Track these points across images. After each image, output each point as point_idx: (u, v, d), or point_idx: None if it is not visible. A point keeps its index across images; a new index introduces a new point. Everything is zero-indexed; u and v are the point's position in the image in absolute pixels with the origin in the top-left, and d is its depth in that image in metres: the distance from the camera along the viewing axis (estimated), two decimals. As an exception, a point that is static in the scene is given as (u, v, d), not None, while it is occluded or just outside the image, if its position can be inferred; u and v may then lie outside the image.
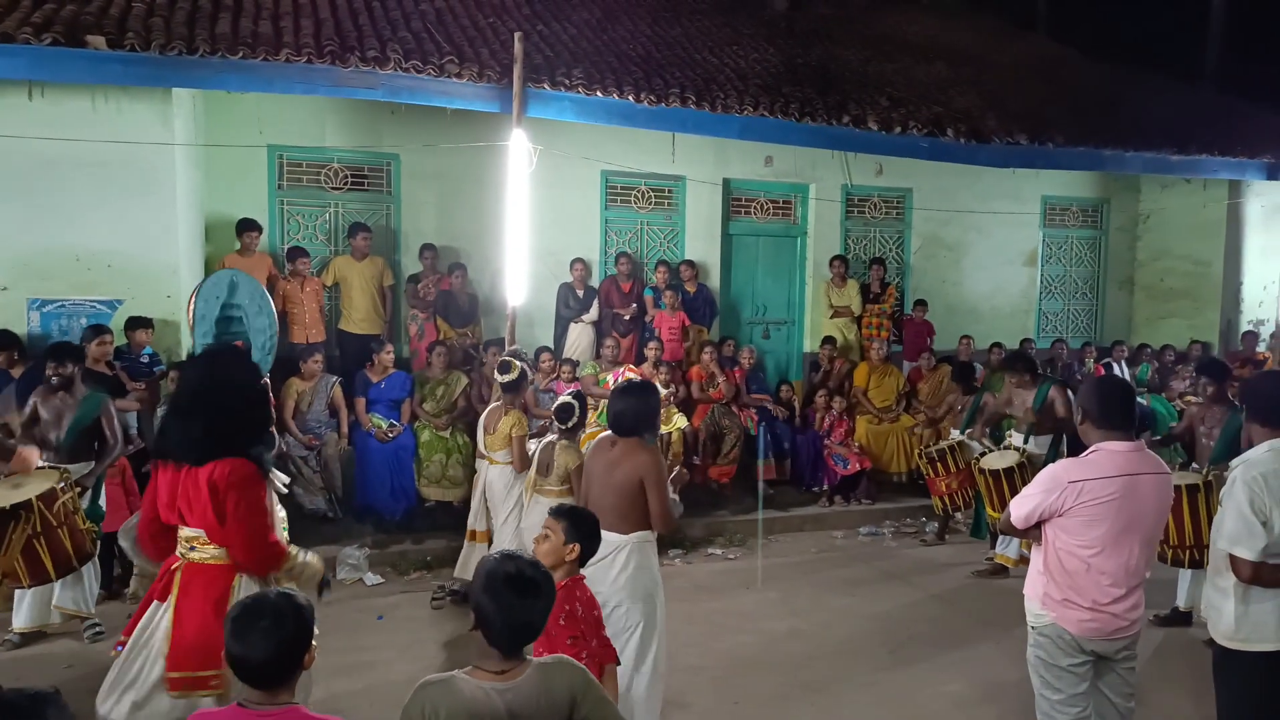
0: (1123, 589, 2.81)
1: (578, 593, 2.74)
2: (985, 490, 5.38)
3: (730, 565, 6.09)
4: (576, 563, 2.73)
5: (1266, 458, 2.79)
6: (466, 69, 5.95)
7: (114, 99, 5.58)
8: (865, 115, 7.35)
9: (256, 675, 1.86)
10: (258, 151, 6.86)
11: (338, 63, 5.62)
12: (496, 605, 1.93)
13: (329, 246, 7.21)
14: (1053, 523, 2.86)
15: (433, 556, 5.78)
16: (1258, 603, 2.77)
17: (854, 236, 8.95)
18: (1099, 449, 2.84)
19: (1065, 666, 2.87)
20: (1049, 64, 10.41)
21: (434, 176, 7.26)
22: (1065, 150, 7.98)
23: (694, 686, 4.17)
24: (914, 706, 4.08)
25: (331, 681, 3.90)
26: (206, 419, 2.64)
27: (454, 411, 6.44)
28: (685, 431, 6.86)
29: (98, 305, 5.71)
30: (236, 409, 2.72)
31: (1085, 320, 10.18)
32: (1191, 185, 9.59)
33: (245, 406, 2.77)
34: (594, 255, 7.85)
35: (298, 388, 6.23)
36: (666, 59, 7.45)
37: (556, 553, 2.67)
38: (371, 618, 4.97)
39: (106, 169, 5.55)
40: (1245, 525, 2.71)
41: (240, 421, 2.72)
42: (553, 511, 2.77)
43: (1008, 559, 5.77)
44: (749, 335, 8.53)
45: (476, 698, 1.89)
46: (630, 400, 3.35)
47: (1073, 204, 9.91)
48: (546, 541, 2.69)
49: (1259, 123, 9.59)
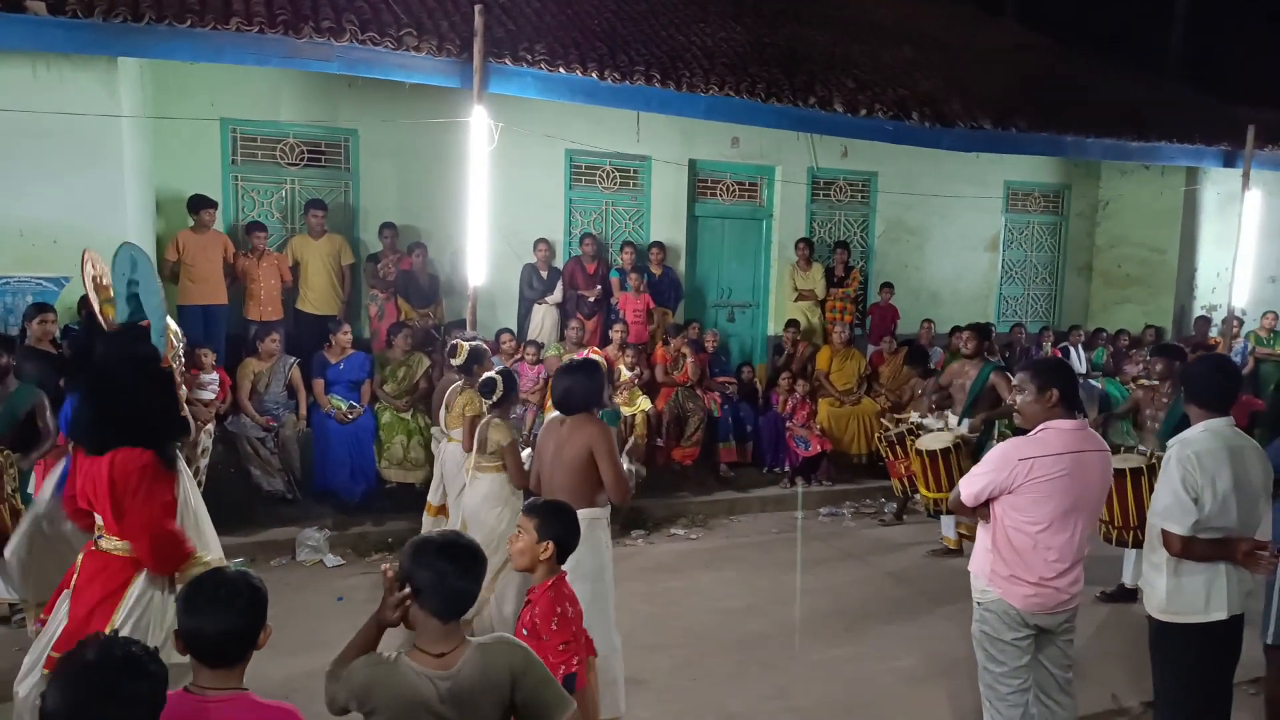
0: (1067, 564, 2.89)
1: (565, 591, 2.62)
2: (920, 471, 5.40)
3: (691, 545, 6.13)
4: (554, 560, 2.58)
5: (1202, 437, 2.87)
6: (425, 42, 5.82)
7: (56, 67, 5.36)
8: (831, 97, 7.35)
9: (211, 651, 1.81)
10: (210, 125, 6.66)
11: (291, 33, 5.45)
12: (430, 571, 1.92)
13: (285, 224, 7.04)
14: (1002, 500, 2.92)
15: (394, 538, 5.72)
16: (1188, 576, 2.86)
17: (819, 220, 8.98)
18: (1047, 427, 2.90)
19: (1009, 640, 2.94)
20: (1016, 50, 10.50)
21: (393, 153, 7.12)
22: (1028, 135, 8.07)
23: (652, 664, 4.19)
24: (866, 681, 4.16)
25: (290, 662, 3.85)
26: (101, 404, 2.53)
27: (415, 393, 6.37)
28: (649, 413, 6.86)
29: (43, 282, 5.51)
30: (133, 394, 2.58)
31: (1044, 305, 10.35)
32: (1150, 173, 9.77)
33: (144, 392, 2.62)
34: (558, 236, 7.77)
35: (254, 368, 6.10)
36: (631, 35, 7.36)
37: (530, 552, 2.55)
38: (331, 599, 4.93)
39: (50, 140, 5.34)
40: (1177, 502, 2.80)
41: (139, 408, 2.57)
42: (525, 509, 2.65)
43: (949, 540, 5.87)
44: (714, 318, 8.54)
45: (417, 686, 1.88)
46: (575, 378, 3.35)
47: (1035, 189, 10.05)
48: (520, 540, 2.58)
49: (1217, 111, 9.80)
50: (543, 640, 2.52)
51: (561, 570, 2.63)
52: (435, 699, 1.87)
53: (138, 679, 1.53)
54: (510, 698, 1.95)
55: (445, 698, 1.88)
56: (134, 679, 1.52)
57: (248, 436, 5.94)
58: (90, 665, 1.51)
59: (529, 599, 2.63)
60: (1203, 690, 2.94)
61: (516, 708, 1.97)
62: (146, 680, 1.54)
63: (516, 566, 2.69)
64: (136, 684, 1.52)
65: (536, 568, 2.58)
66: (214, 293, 6.33)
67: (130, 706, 1.51)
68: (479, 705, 1.91)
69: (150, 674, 1.55)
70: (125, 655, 1.54)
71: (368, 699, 1.90)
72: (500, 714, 1.96)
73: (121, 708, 1.50)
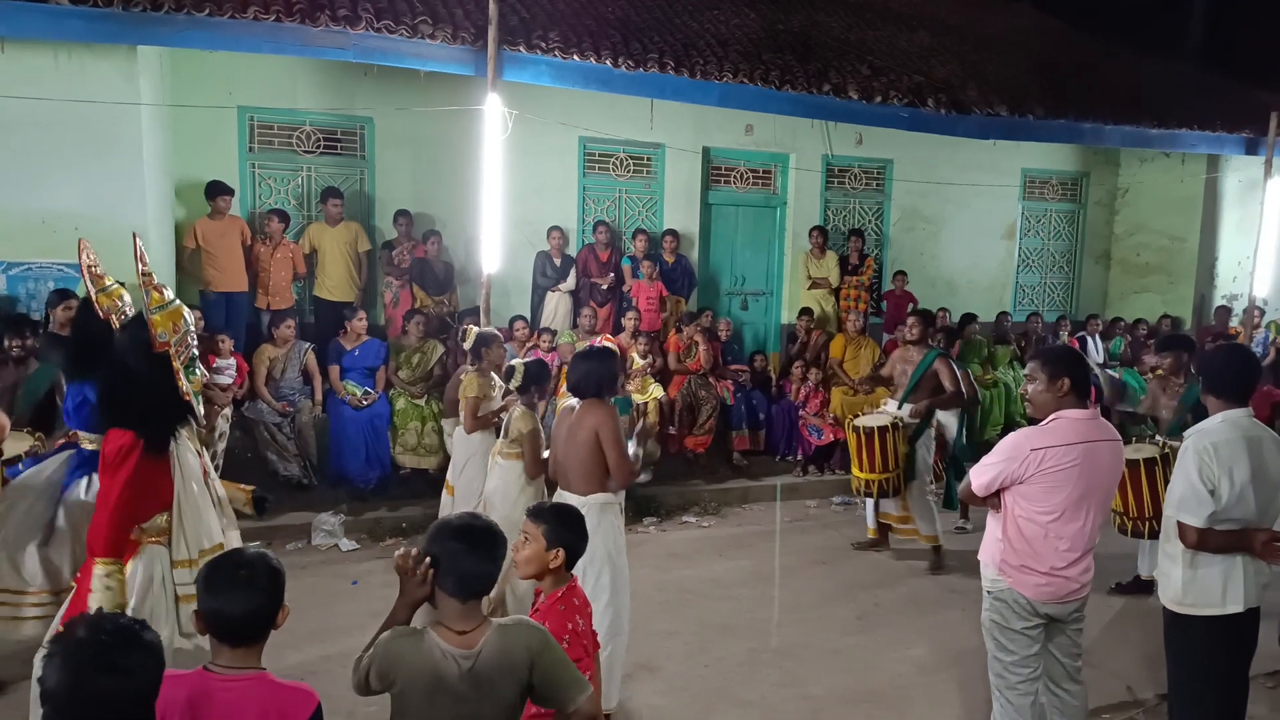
0: (1078, 553, 2.88)
1: (575, 601, 2.46)
2: (855, 449, 5.29)
3: (704, 533, 6.16)
4: (564, 568, 2.42)
5: (1219, 428, 2.84)
6: (440, 30, 5.82)
7: (77, 56, 5.42)
8: (846, 84, 7.28)
9: (232, 630, 1.83)
10: (227, 113, 6.71)
11: (307, 21, 5.47)
12: (445, 551, 1.96)
13: (301, 211, 7.09)
14: (1013, 490, 2.91)
15: (408, 523, 5.80)
16: (1204, 568, 2.84)
17: (834, 208, 8.93)
18: (1058, 416, 2.89)
19: (1019, 629, 2.94)
20: (1032, 35, 10.35)
21: (408, 141, 7.14)
22: (1045, 122, 7.97)
23: (665, 651, 4.23)
24: (878, 670, 4.17)
25: (306, 647, 3.92)
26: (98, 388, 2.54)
27: (430, 380, 6.42)
28: (661, 401, 6.88)
29: (65, 269, 5.60)
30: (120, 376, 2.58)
31: (1061, 294, 10.26)
32: (1169, 160, 9.63)
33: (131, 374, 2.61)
34: (571, 223, 7.78)
35: (269, 354, 6.17)
36: (645, 23, 7.32)
37: (539, 560, 2.38)
38: (346, 584, 5.00)
39: (70, 128, 5.40)
40: (1193, 493, 2.78)
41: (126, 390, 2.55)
42: (530, 513, 2.46)
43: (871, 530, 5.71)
44: (727, 306, 8.52)
45: (440, 662, 1.92)
46: (590, 364, 3.41)
47: (1052, 177, 9.94)
48: (527, 547, 2.40)
49: (1238, 98, 9.61)
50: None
51: (573, 576, 2.48)
52: (456, 677, 1.91)
53: (132, 651, 1.52)
54: (529, 679, 1.99)
55: (465, 676, 1.91)
56: (128, 651, 1.52)
57: (264, 422, 6.01)
58: (83, 641, 1.51)
59: (537, 608, 2.48)
60: (1218, 683, 2.92)
61: (534, 689, 2.00)
62: (141, 651, 1.54)
63: (523, 576, 2.51)
64: (132, 656, 1.52)
65: (546, 576, 2.42)
66: (235, 280, 6.41)
67: (128, 677, 1.51)
68: (498, 685, 1.95)
69: (145, 645, 1.55)
70: (117, 628, 1.54)
71: (390, 671, 1.92)
72: (518, 694, 1.99)
73: (119, 679, 1.50)
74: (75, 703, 1.48)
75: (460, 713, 1.92)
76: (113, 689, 1.49)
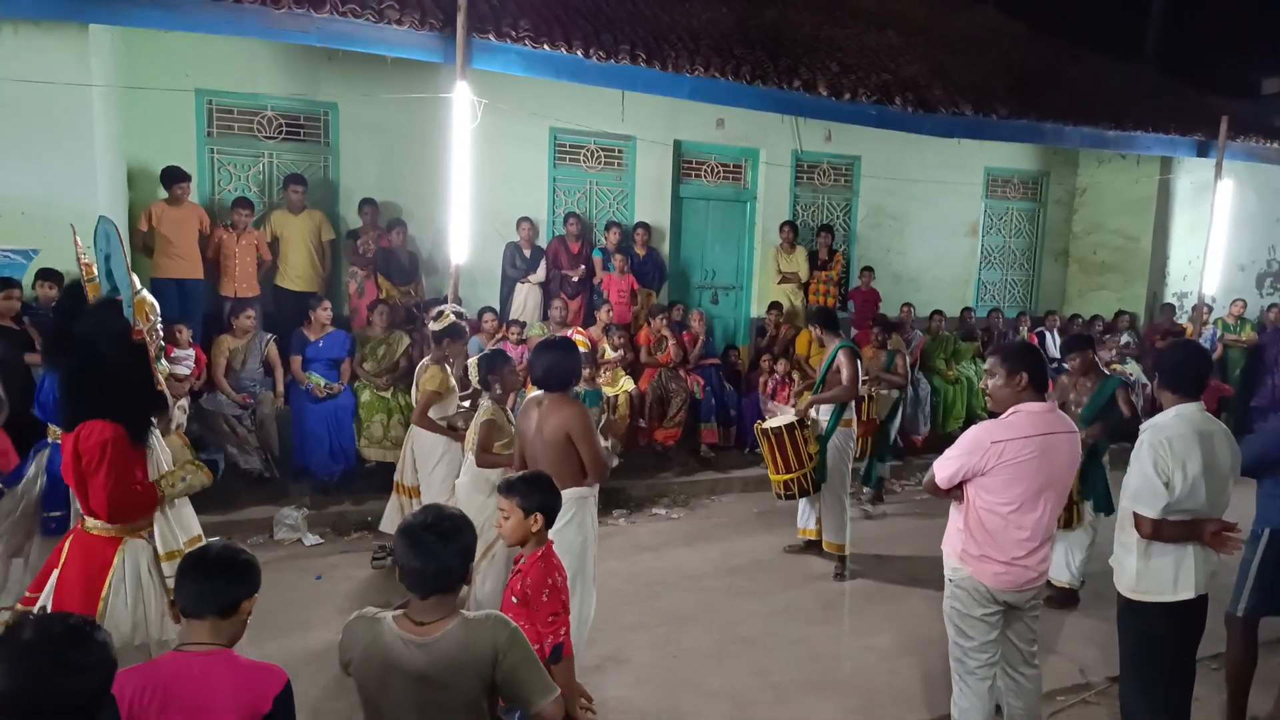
0: (1037, 542, 2.96)
1: (554, 561, 2.66)
2: (767, 454, 5.19)
3: (673, 525, 6.19)
4: (544, 529, 2.64)
5: (1173, 422, 2.94)
6: (407, 15, 5.72)
7: (24, 33, 5.21)
8: (816, 80, 7.34)
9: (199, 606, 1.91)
10: (185, 96, 6.51)
11: (268, 3, 5.33)
12: (407, 548, 1.97)
13: (262, 198, 6.92)
14: (975, 482, 2.97)
15: (373, 517, 5.69)
16: (1158, 557, 2.94)
17: (803, 203, 9.00)
18: (1017, 410, 2.95)
19: (979, 616, 3.01)
20: (997, 36, 10.53)
21: (374, 128, 7.02)
22: (1008, 122, 8.12)
23: (633, 643, 4.24)
24: (843, 658, 4.24)
25: (268, 642, 3.85)
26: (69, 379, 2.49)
27: (395, 372, 6.33)
28: (632, 394, 6.88)
29: (11, 255, 5.40)
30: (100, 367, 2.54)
31: (1022, 290, 10.49)
32: (1126, 161, 9.89)
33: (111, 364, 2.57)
34: (541, 214, 7.73)
35: (229, 344, 6.03)
36: (616, 13, 7.29)
37: (521, 528, 2.59)
38: (310, 578, 4.91)
39: (18, 109, 5.21)
40: (1148, 485, 2.87)
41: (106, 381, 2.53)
42: (501, 490, 2.65)
43: (809, 532, 5.57)
44: (698, 300, 8.55)
45: (394, 648, 1.93)
46: (554, 355, 3.36)
47: (1014, 176, 10.14)
48: (507, 522, 2.61)
49: (1193, 101, 9.92)
50: (533, 610, 2.55)
51: (549, 540, 2.68)
52: (409, 664, 1.92)
53: (83, 648, 1.51)
54: (492, 675, 1.97)
55: (418, 663, 1.92)
56: (79, 649, 1.51)
57: (224, 414, 5.87)
58: (32, 643, 1.49)
59: (519, 569, 2.67)
60: (1167, 665, 3.03)
61: (499, 686, 1.99)
62: (91, 648, 1.52)
63: (509, 543, 2.72)
64: (82, 653, 1.51)
65: (528, 540, 2.62)
66: (190, 267, 6.22)
67: (81, 675, 1.50)
68: (456, 677, 1.94)
69: (96, 642, 1.54)
70: (66, 628, 1.53)
71: (345, 649, 2.01)
72: (481, 688, 1.97)
73: (72, 678, 1.49)
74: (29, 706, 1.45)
75: (420, 700, 1.93)
76: (72, 689, 1.48)
